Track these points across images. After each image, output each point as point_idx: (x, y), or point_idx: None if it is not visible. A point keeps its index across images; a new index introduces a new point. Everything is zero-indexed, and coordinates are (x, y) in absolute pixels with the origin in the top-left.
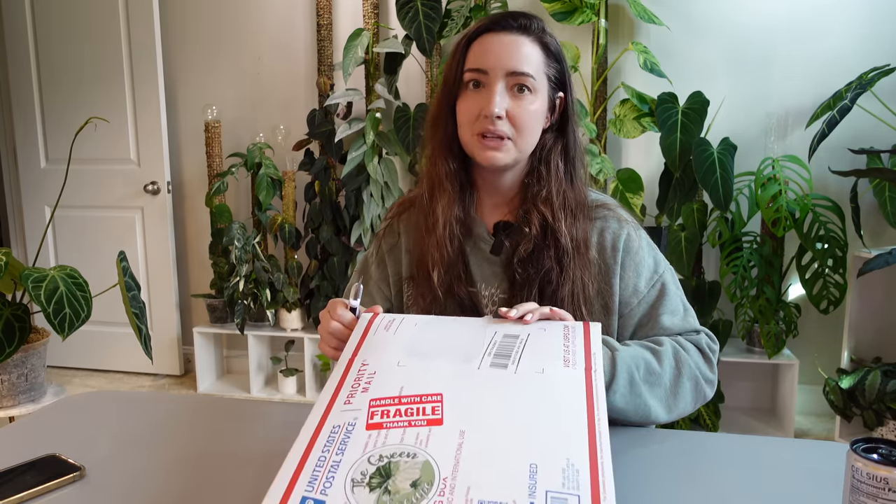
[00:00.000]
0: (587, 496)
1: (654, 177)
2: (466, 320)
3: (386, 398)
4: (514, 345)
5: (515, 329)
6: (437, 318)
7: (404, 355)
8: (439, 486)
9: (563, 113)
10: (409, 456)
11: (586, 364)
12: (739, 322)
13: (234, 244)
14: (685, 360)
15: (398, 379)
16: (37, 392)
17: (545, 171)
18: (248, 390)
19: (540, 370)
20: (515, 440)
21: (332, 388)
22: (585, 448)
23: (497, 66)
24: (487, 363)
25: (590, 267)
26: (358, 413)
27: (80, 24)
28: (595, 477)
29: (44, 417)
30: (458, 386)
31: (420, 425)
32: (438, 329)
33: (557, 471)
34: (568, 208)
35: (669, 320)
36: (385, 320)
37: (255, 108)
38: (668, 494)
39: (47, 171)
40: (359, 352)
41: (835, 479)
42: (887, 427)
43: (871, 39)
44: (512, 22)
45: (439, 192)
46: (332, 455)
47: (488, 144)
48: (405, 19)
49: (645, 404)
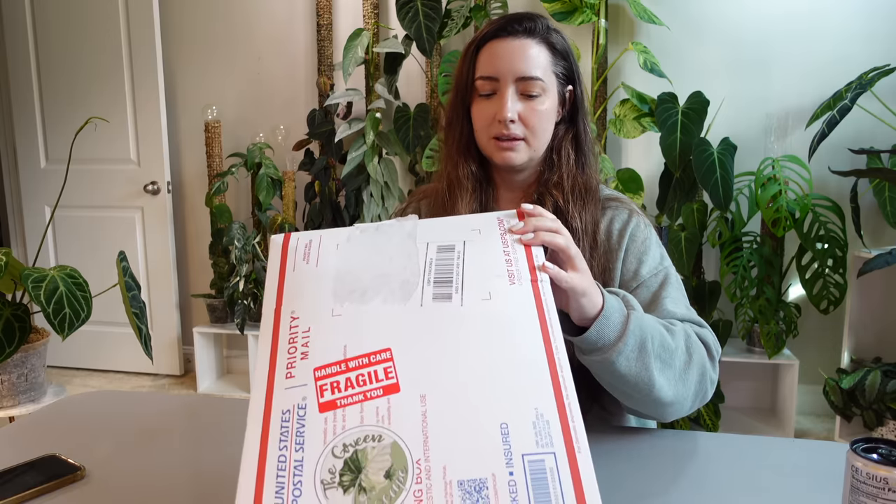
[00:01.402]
0: (562, 452)
1: (654, 177)
2: (391, 228)
3: (331, 364)
4: (451, 261)
5: (448, 237)
6: (359, 230)
7: (335, 299)
8: (414, 471)
9: (573, 104)
10: (374, 440)
11: (531, 274)
12: (739, 322)
13: (234, 244)
14: (696, 348)
15: (338, 336)
16: (37, 392)
17: (557, 159)
18: (248, 390)
19: (486, 295)
20: (479, 397)
21: (266, 353)
22: (550, 390)
23: (507, 72)
24: (430, 296)
25: (599, 253)
26: (305, 390)
27: (80, 23)
28: (566, 425)
29: (44, 417)
30: (405, 335)
31: (376, 396)
32: (364, 249)
33: (528, 427)
34: (578, 193)
35: (673, 305)
36: (301, 244)
37: (255, 108)
38: (669, 494)
39: (47, 171)
40: (282, 297)
41: (835, 479)
42: (887, 427)
43: (871, 39)
44: (517, 26)
45: (459, 191)
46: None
47: (503, 146)
48: (405, 19)
49: (649, 377)
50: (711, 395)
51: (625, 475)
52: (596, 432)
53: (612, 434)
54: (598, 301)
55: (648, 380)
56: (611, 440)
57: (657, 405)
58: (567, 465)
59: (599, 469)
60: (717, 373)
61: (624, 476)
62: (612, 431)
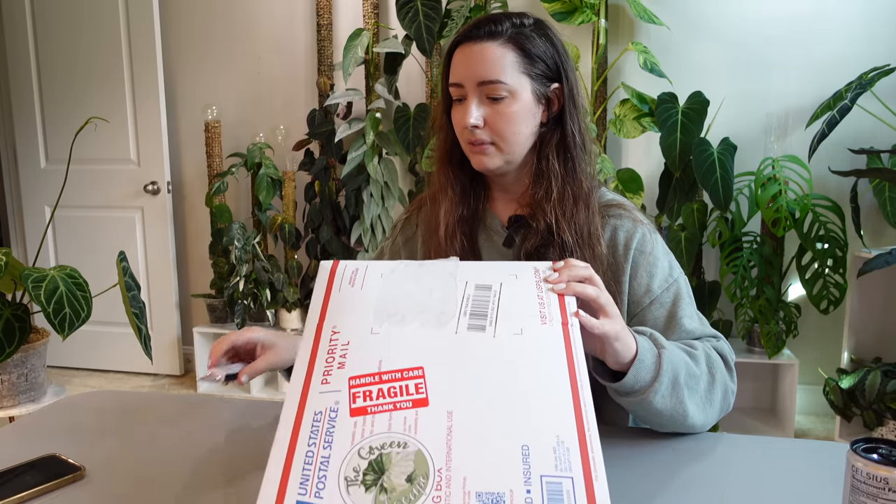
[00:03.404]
0: (580, 477)
1: (654, 177)
2: (434, 266)
3: (365, 375)
4: (487, 299)
5: (486, 278)
6: (403, 265)
7: (375, 319)
8: (435, 478)
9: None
10: (399, 446)
11: (562, 318)
12: (739, 322)
13: (234, 244)
14: (718, 367)
15: (375, 351)
16: (37, 392)
17: (544, 166)
18: (248, 390)
19: (518, 331)
20: (504, 419)
21: (304, 361)
22: (573, 420)
23: (468, 77)
24: (465, 325)
25: (599, 262)
26: (339, 395)
27: (80, 24)
28: (585, 454)
29: (44, 417)
30: (438, 357)
31: (406, 408)
32: (406, 280)
33: (549, 451)
34: (567, 203)
35: (690, 324)
36: (348, 270)
37: (255, 108)
38: (669, 494)
39: (47, 171)
40: (326, 314)
41: (835, 479)
42: (887, 427)
43: (871, 39)
44: (477, 31)
45: (441, 197)
46: (319, 450)
47: (474, 150)
48: (405, 19)
49: (683, 409)
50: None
51: (625, 475)
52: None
53: (612, 434)
54: (631, 345)
55: (683, 412)
56: (611, 440)
57: (688, 429)
58: (584, 490)
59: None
60: (735, 382)
61: (624, 476)
62: (612, 431)
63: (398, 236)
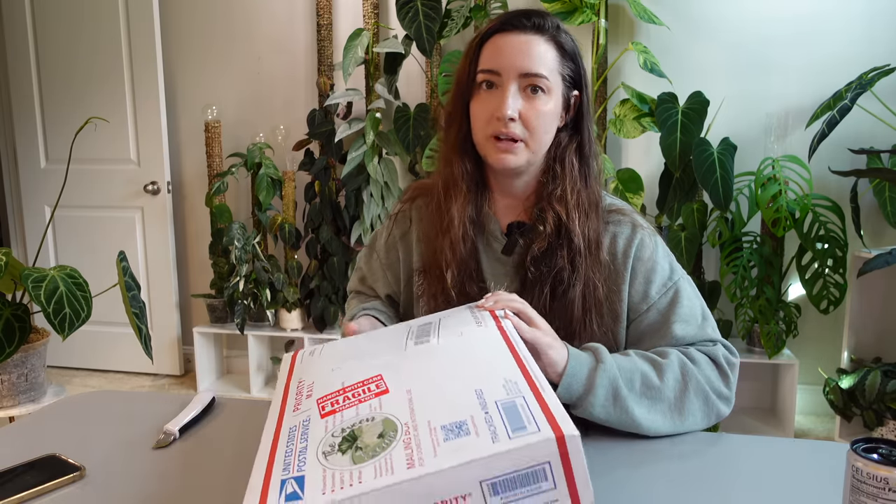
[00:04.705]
0: (530, 395)
1: (654, 177)
2: (386, 329)
3: (331, 393)
4: (429, 327)
5: (427, 318)
6: (360, 335)
7: (334, 363)
8: (403, 429)
9: (578, 111)
10: (368, 421)
11: (496, 322)
12: (739, 322)
13: (234, 244)
14: (692, 374)
15: (337, 377)
16: (37, 392)
17: (560, 169)
18: (248, 390)
19: (459, 334)
20: (457, 380)
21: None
22: (517, 368)
23: (510, 67)
24: (412, 343)
25: (601, 269)
26: (310, 412)
27: (80, 24)
28: (532, 384)
29: (44, 417)
30: (393, 365)
31: (369, 399)
32: (362, 340)
33: (499, 387)
34: (581, 207)
35: (682, 329)
36: (306, 351)
37: (255, 108)
38: (669, 494)
39: (47, 171)
40: (292, 375)
41: (835, 479)
42: (887, 427)
43: (871, 40)
44: (525, 21)
45: (454, 192)
46: (297, 444)
47: (500, 147)
48: (405, 19)
49: (631, 419)
50: (728, 411)
51: (624, 475)
52: (595, 432)
53: (612, 434)
54: (563, 355)
55: (632, 421)
56: (610, 440)
57: (656, 434)
58: (536, 403)
59: (598, 469)
60: (731, 389)
61: (624, 476)
62: (612, 432)
63: (394, 229)
